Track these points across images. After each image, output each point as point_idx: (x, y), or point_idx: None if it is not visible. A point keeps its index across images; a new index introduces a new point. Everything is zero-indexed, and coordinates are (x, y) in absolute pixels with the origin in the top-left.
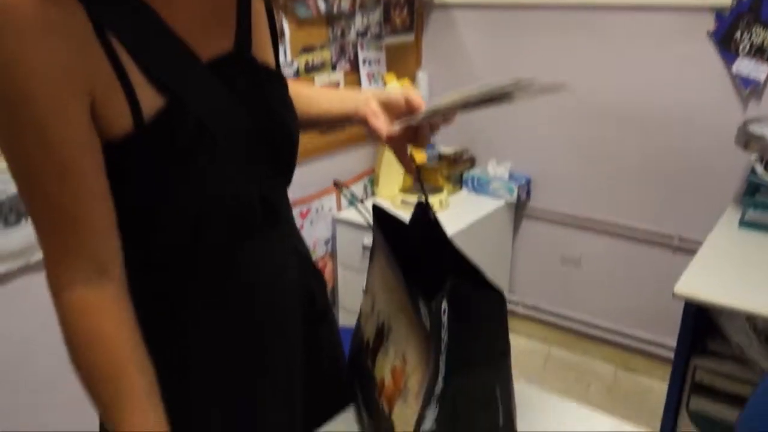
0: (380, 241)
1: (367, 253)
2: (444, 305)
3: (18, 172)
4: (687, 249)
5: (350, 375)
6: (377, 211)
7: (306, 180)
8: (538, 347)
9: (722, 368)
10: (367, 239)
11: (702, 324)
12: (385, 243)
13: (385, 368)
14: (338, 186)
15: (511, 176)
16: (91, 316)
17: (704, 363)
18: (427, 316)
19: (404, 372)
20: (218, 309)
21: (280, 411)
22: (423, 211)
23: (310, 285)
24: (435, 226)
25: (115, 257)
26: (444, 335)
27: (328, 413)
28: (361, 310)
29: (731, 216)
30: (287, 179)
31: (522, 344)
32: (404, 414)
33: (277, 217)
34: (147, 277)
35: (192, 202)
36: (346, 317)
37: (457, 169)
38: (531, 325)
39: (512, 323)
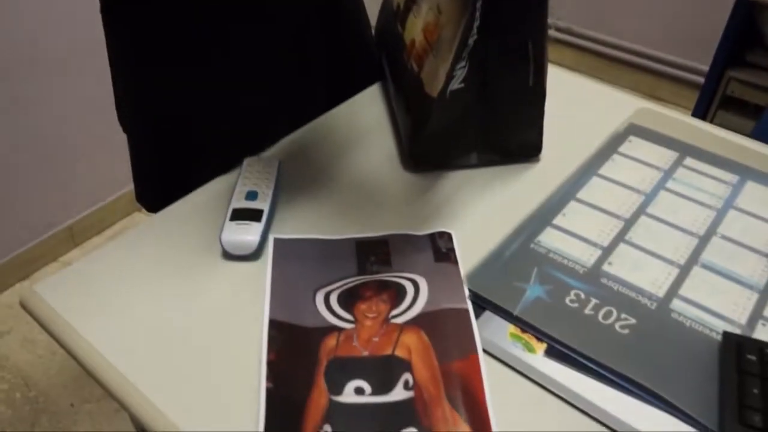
0: None
1: None
2: None
3: None
4: None
5: (378, 49)
6: None
7: None
8: None
9: (757, 80)
10: None
11: (744, 38)
12: None
13: (415, 28)
14: None
15: None
16: None
17: (740, 74)
18: None
19: (437, 25)
20: None
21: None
22: None
23: None
24: None
25: None
26: None
27: (353, 89)
28: None
29: None
30: None
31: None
32: (434, 70)
33: None
34: None
35: None
36: None
37: None
38: (561, 50)
39: None
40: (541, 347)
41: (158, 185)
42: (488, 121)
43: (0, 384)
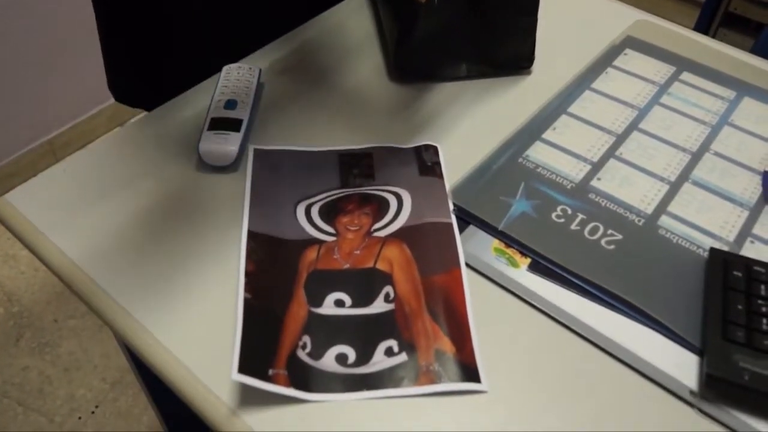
0: None
1: None
2: None
3: None
4: None
5: None
6: None
7: None
8: None
9: None
10: None
11: None
12: None
13: None
14: None
15: None
16: None
17: None
18: None
19: None
20: None
21: None
22: None
23: None
24: None
25: None
26: None
27: None
28: None
29: None
30: None
31: None
32: None
33: None
34: None
35: None
36: None
37: None
38: None
39: None
40: (524, 262)
41: (129, 71)
42: (479, 29)
43: None
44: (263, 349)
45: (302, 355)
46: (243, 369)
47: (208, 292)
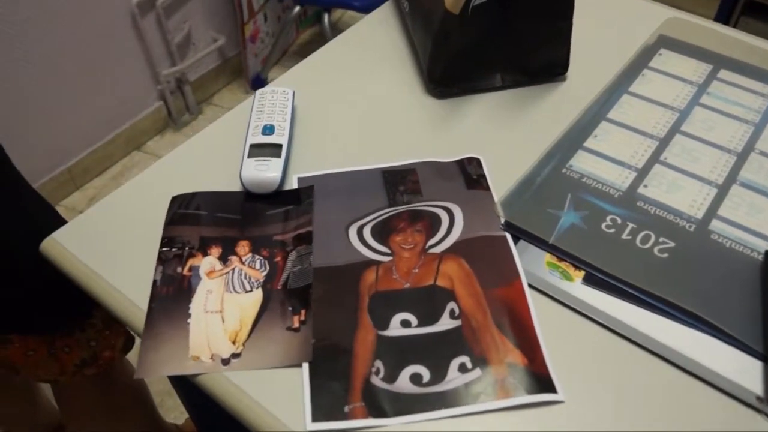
0: None
1: None
2: None
3: None
4: None
5: None
6: None
7: None
8: None
9: None
10: None
11: None
12: None
13: None
14: None
15: None
16: None
17: None
18: None
19: None
20: None
21: None
22: None
23: None
24: None
25: None
26: None
27: None
28: None
29: None
30: None
31: None
32: None
33: None
34: None
35: None
36: None
37: None
38: None
39: None
40: (578, 275)
41: None
42: (513, 38)
43: None
44: (335, 389)
45: (376, 381)
46: (317, 417)
47: None
